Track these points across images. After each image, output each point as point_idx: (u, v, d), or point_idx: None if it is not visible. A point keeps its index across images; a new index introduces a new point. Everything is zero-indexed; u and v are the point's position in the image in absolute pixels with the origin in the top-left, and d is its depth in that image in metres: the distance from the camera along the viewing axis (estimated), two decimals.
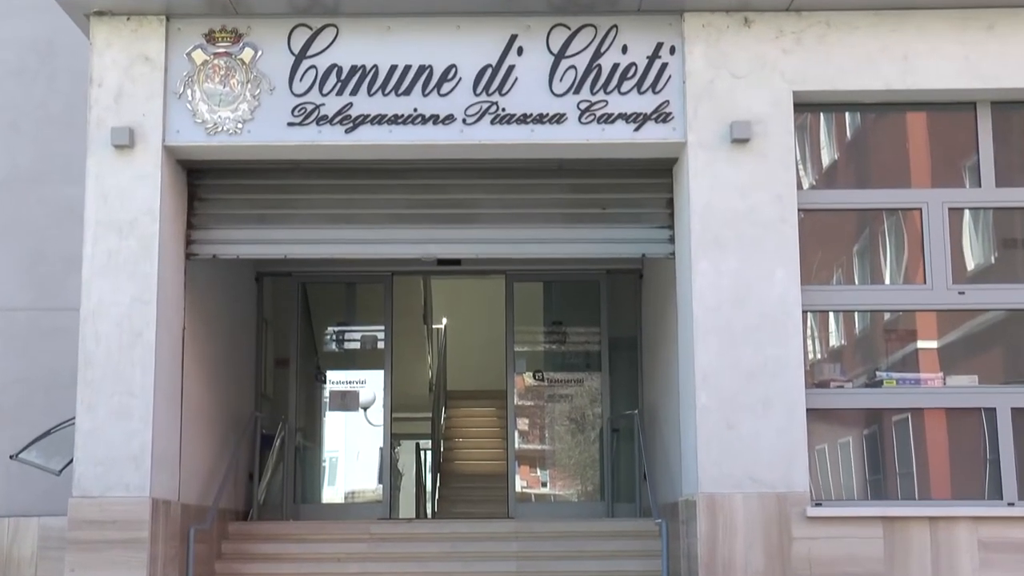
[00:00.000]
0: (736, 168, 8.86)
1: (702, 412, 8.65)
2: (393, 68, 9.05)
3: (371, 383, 13.21)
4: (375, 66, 9.06)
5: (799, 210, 8.89)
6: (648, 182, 9.49)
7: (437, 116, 9.00)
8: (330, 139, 9.03)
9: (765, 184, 8.84)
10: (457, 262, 12.33)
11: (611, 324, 12.66)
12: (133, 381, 8.78)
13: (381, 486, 12.87)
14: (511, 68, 9.03)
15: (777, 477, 8.56)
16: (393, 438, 13.20)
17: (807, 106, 9.12)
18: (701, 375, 8.70)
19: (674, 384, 9.54)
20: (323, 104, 9.02)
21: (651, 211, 9.53)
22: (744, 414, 8.62)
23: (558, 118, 8.98)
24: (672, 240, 9.42)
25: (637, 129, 8.98)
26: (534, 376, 13.08)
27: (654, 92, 8.99)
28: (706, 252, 8.80)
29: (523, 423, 13.12)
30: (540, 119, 8.99)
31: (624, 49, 9.04)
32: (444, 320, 19.71)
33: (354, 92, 9.03)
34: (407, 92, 9.02)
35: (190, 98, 9.05)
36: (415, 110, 9.01)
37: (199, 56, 9.09)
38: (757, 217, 8.80)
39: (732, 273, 8.76)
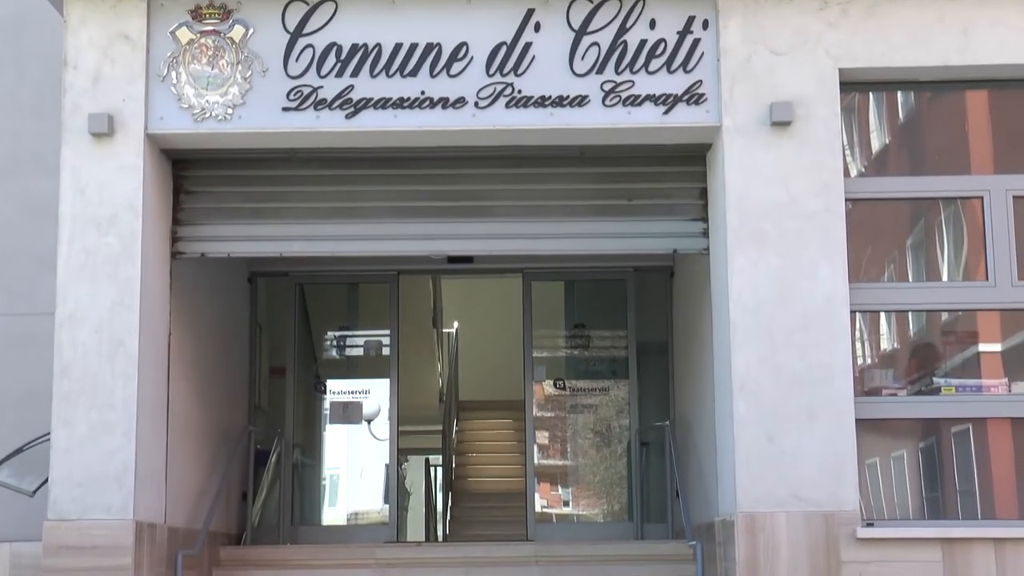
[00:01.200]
0: (776, 154, 8.83)
1: (740, 423, 8.62)
2: (398, 47, 9.03)
3: (375, 393, 13.20)
4: (378, 44, 9.04)
5: (846, 200, 8.85)
6: (679, 170, 9.47)
7: (447, 99, 8.98)
8: (329, 125, 9.02)
9: (809, 171, 8.80)
10: (469, 260, 12.30)
11: (639, 327, 12.64)
12: (114, 393, 8.77)
13: (387, 506, 12.88)
14: (528, 46, 9.00)
15: (824, 495, 8.52)
16: (400, 453, 13.19)
17: (855, 85, 9.08)
18: (739, 382, 8.67)
19: (709, 393, 9.52)
20: (321, 87, 9.01)
21: (683, 202, 9.52)
22: (787, 425, 8.59)
23: (580, 100, 8.96)
24: (706, 234, 9.40)
25: (667, 112, 8.94)
26: (555, 384, 13.06)
27: (685, 71, 8.96)
28: (744, 247, 8.77)
29: (543, 436, 13.11)
30: (560, 102, 8.97)
31: (652, 24, 9.00)
32: (455, 324, 19.72)
33: (355, 73, 9.02)
34: (413, 73, 9.01)
35: (175, 81, 9.04)
36: (422, 93, 8.99)
37: (184, 35, 9.07)
38: (800, 208, 8.77)
39: (773, 270, 8.73)
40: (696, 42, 8.97)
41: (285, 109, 9.02)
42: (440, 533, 16.48)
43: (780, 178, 8.81)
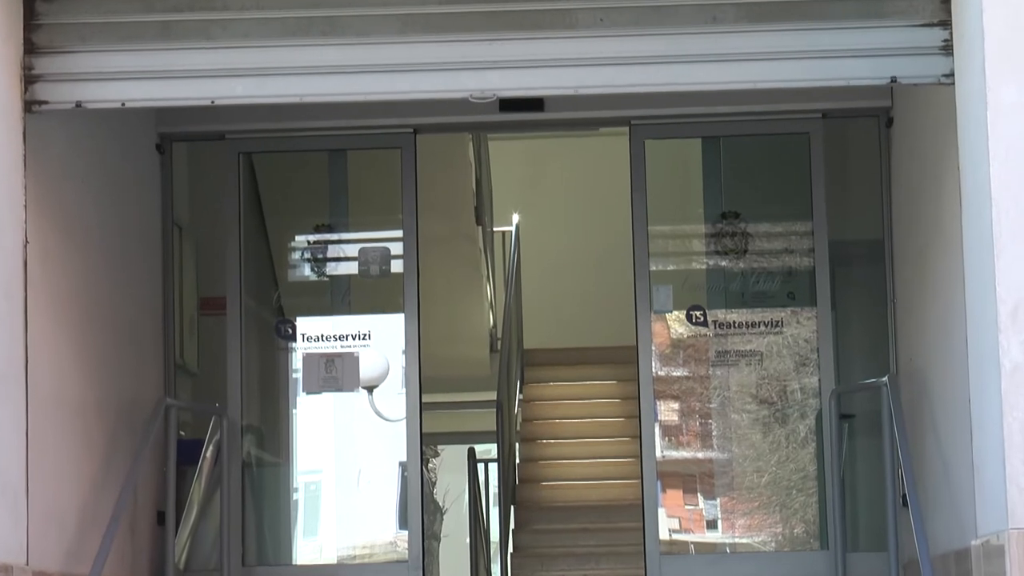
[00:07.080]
0: None
1: (1014, 378, 8.58)
2: None
3: (381, 339, 13.23)
4: None
5: None
6: None
7: None
8: None
9: None
10: (538, 104, 12.27)
11: (834, 216, 12.62)
12: None
13: (405, 532, 12.92)
14: None
15: None
16: (425, 442, 13.21)
17: None
18: (1010, 307, 8.64)
19: (959, 327, 9.55)
20: None
21: None
22: None
23: None
24: (948, 50, 9.42)
25: None
26: (689, 318, 13.05)
27: None
28: (1015, 72, 8.72)
29: (669, 408, 13.14)
30: None
31: None
32: (515, 218, 19.74)
33: None
34: None
35: None
36: None
37: None
38: None
39: None
40: None
41: None
42: (497, 574, 16.60)
43: None
